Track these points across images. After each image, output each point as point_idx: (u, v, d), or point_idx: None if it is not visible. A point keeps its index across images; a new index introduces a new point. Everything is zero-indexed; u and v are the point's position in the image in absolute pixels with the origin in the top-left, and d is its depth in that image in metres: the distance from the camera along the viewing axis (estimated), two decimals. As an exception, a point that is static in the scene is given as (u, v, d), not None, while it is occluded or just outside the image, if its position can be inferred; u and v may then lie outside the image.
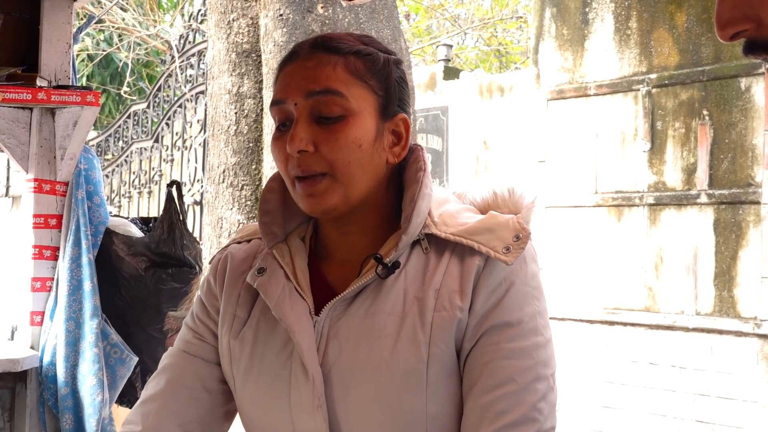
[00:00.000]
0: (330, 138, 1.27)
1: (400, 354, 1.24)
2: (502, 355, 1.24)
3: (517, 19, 13.89)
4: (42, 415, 3.06)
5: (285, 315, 1.29)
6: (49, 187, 3.13)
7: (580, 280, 6.05)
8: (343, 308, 1.29)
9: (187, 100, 8.02)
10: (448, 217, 1.32)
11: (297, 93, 1.28)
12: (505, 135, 6.89)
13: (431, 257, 1.30)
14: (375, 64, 1.32)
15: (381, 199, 1.34)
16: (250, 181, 6.40)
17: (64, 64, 3.22)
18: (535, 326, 1.27)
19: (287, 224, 1.40)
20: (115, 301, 3.13)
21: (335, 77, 1.28)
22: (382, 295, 1.28)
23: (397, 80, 1.35)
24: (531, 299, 1.28)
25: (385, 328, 1.26)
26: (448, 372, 1.26)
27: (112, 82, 15.00)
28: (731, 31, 0.78)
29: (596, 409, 5.95)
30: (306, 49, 1.32)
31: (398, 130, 1.34)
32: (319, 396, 1.25)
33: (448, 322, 1.25)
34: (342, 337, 1.27)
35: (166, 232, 3.13)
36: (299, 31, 6.12)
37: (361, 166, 1.28)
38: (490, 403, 1.22)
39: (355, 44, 1.33)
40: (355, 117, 1.28)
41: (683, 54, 5.69)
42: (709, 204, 5.50)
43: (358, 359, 1.26)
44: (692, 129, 5.61)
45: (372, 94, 1.31)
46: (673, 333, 5.61)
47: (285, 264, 1.35)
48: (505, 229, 1.27)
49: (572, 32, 6.30)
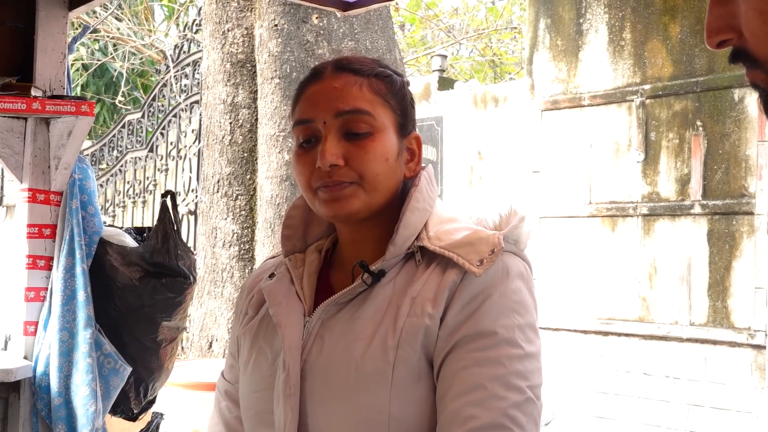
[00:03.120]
0: (360, 152, 1.35)
1: (370, 356, 1.30)
2: (474, 362, 1.27)
3: (511, 29, 13.93)
4: (35, 426, 3.05)
5: (278, 313, 1.41)
6: (44, 196, 3.13)
7: (574, 290, 6.06)
8: (334, 311, 1.38)
9: (181, 110, 8.03)
10: (444, 233, 1.38)
11: (326, 112, 1.36)
12: (499, 145, 6.90)
13: (420, 269, 1.37)
14: (394, 85, 1.42)
15: (391, 212, 1.42)
16: (245, 191, 6.40)
17: (59, 73, 3.22)
18: (511, 338, 1.29)
19: (307, 238, 1.52)
20: (109, 311, 3.12)
21: (362, 97, 1.37)
22: (368, 301, 1.36)
23: (410, 101, 1.46)
24: (510, 312, 1.30)
25: (362, 331, 1.33)
26: (414, 376, 1.30)
27: (107, 91, 15.02)
28: (716, 40, 0.83)
29: (590, 419, 5.95)
30: (330, 70, 1.41)
31: (412, 147, 1.45)
32: (292, 386, 1.33)
33: (416, 328, 1.30)
34: (326, 337, 1.36)
35: (160, 242, 3.12)
36: (294, 41, 6.12)
37: (387, 179, 1.38)
38: (459, 409, 1.25)
39: (374, 66, 1.43)
40: (381, 133, 1.37)
41: (677, 65, 5.71)
42: (702, 215, 5.51)
43: (333, 358, 1.34)
44: (686, 140, 5.63)
45: (392, 113, 1.40)
46: (667, 343, 5.62)
47: (294, 271, 1.46)
48: (484, 244, 1.32)
49: (566, 43, 6.32)
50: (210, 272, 6.29)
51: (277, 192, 5.93)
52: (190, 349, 6.46)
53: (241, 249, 6.18)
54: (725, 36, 0.82)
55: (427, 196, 1.42)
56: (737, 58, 0.82)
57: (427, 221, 1.40)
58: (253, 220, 6.21)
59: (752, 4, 0.78)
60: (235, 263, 6.16)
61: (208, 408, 4.22)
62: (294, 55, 6.01)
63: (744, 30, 0.80)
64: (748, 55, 0.81)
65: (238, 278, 6.13)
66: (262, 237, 6.02)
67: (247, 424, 1.46)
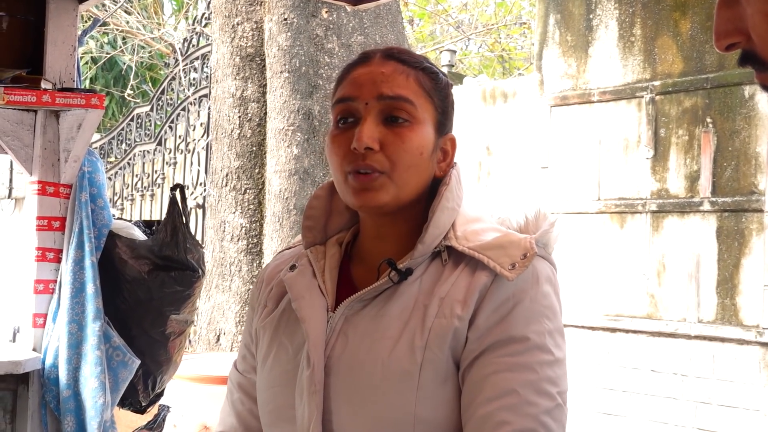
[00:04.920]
0: (396, 140, 1.34)
1: (397, 355, 1.29)
2: (505, 367, 1.26)
3: (520, 25, 13.90)
4: (44, 417, 3.06)
5: (302, 308, 1.39)
6: (53, 189, 3.13)
7: (582, 286, 6.05)
8: (359, 308, 1.36)
9: (190, 104, 8.03)
10: (471, 234, 1.37)
11: (369, 94, 1.35)
12: (508, 141, 6.89)
13: (447, 268, 1.35)
14: (439, 83, 1.42)
15: (417, 209, 1.41)
16: (253, 184, 6.40)
17: (69, 66, 3.22)
18: (542, 343, 1.28)
19: (328, 230, 1.49)
20: (118, 303, 3.12)
21: (407, 87, 1.36)
22: (395, 299, 1.34)
23: (451, 102, 1.45)
24: (540, 317, 1.30)
25: (389, 330, 1.31)
26: (442, 378, 1.29)
27: (116, 85, 15.04)
28: (725, 43, 0.83)
29: (597, 416, 5.94)
30: (379, 56, 1.40)
31: (446, 148, 1.44)
32: (317, 383, 1.32)
33: (445, 330, 1.28)
34: (351, 334, 1.34)
35: (169, 235, 3.12)
36: (303, 35, 6.12)
37: (418, 173, 1.37)
38: (490, 414, 1.23)
39: (422, 61, 1.42)
40: (420, 126, 1.36)
41: (687, 61, 5.69)
42: (712, 212, 5.50)
43: (359, 356, 1.32)
44: (695, 136, 5.61)
45: (434, 109, 1.39)
46: (675, 340, 5.61)
47: (316, 263, 1.44)
48: (516, 248, 1.31)
49: (576, 39, 6.30)
50: (218, 266, 6.29)
51: (285, 186, 5.93)
52: (197, 342, 6.47)
53: (250, 243, 6.19)
54: (733, 39, 0.82)
55: (456, 195, 1.42)
56: (746, 61, 0.82)
57: (455, 220, 1.39)
58: (262, 214, 6.21)
59: (757, 7, 0.78)
60: (243, 257, 6.17)
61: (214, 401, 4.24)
62: (303, 50, 6.00)
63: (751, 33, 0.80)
64: (757, 57, 0.81)
65: (246, 272, 6.13)
66: (270, 231, 6.02)
67: (266, 419, 1.44)
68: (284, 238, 5.86)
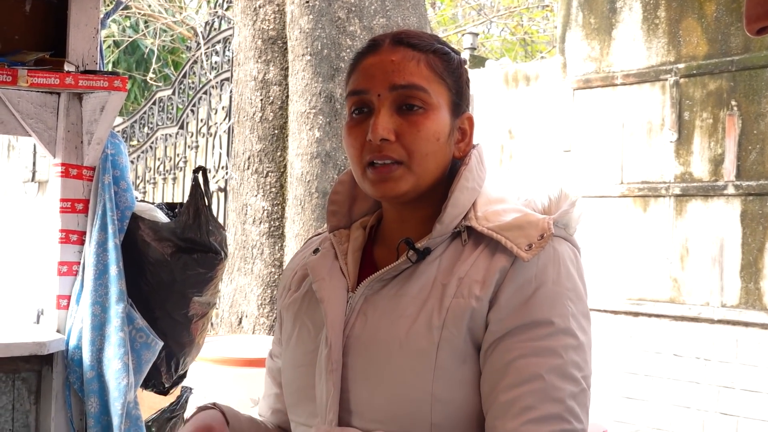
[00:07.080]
0: (412, 129, 1.33)
1: (414, 334, 1.29)
2: (530, 352, 1.25)
3: (543, 8, 13.81)
4: (68, 398, 3.08)
5: (321, 288, 1.39)
6: (76, 171, 3.14)
7: (605, 270, 6.02)
8: (378, 288, 1.36)
9: (212, 87, 8.04)
10: (492, 214, 1.36)
11: (381, 85, 1.35)
12: (530, 124, 6.86)
13: (467, 249, 1.34)
14: (451, 63, 1.40)
15: (439, 191, 1.40)
16: (275, 167, 6.40)
17: (92, 49, 3.23)
18: (567, 327, 1.27)
19: (353, 214, 1.51)
20: (141, 285, 3.13)
21: (419, 73, 1.35)
22: (414, 279, 1.34)
23: (465, 80, 1.43)
24: (564, 300, 1.28)
25: (407, 309, 1.31)
26: (460, 358, 1.28)
27: (138, 68, 15.07)
28: (756, 27, 0.82)
29: (619, 400, 5.93)
30: (388, 43, 1.39)
31: (464, 127, 1.43)
32: (334, 361, 1.33)
33: (462, 309, 1.28)
34: (370, 313, 1.35)
35: (192, 217, 3.13)
36: (325, 18, 6.10)
37: (436, 159, 1.36)
38: (515, 399, 1.23)
39: (432, 42, 1.40)
40: (435, 111, 1.35)
41: (712, 44, 5.64)
42: (736, 195, 5.45)
43: (377, 335, 1.32)
44: (720, 119, 5.56)
45: (447, 91, 1.38)
46: (698, 325, 5.58)
47: (339, 246, 1.45)
48: (533, 228, 1.30)
49: (600, 21, 6.25)
50: (240, 249, 6.31)
51: (307, 169, 5.93)
52: (219, 325, 6.50)
53: (271, 226, 6.19)
54: (765, 23, 0.81)
55: (477, 176, 1.41)
56: None
57: (476, 201, 1.38)
58: (284, 197, 6.21)
59: None
60: (265, 240, 6.18)
61: (237, 383, 4.26)
62: (325, 32, 5.99)
63: None
64: None
65: (268, 255, 6.15)
66: (292, 214, 6.03)
67: (289, 399, 1.45)
68: (306, 221, 5.87)
